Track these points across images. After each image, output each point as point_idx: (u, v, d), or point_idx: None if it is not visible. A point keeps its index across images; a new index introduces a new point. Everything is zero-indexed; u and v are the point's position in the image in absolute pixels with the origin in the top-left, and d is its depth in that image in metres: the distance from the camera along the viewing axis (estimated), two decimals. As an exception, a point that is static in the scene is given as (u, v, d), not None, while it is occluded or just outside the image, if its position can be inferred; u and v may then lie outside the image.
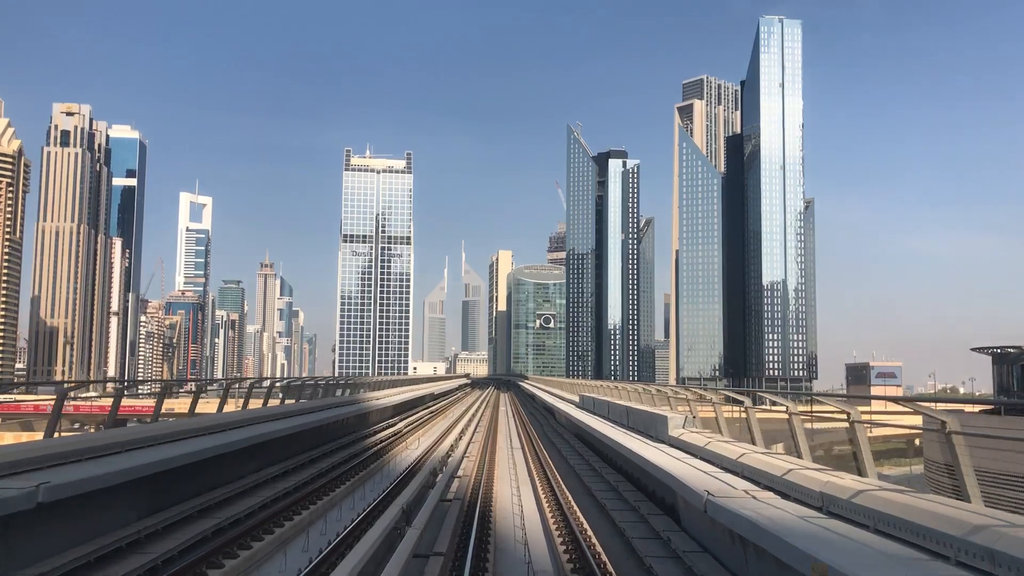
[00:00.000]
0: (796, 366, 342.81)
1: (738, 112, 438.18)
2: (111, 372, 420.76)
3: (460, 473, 31.61)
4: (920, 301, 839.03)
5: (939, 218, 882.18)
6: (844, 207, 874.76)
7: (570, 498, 25.41)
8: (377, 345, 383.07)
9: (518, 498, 26.60)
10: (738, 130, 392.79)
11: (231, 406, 37.54)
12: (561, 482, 29.38)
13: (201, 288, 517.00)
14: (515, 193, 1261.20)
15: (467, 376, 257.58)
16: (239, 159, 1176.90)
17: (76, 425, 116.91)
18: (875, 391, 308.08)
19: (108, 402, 28.91)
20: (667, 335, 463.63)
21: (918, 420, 17.44)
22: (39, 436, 22.14)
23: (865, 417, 18.16)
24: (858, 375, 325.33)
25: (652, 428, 27.06)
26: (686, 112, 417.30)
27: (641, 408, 31.96)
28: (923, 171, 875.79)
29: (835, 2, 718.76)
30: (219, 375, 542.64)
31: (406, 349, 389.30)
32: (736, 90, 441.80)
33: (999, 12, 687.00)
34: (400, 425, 53.59)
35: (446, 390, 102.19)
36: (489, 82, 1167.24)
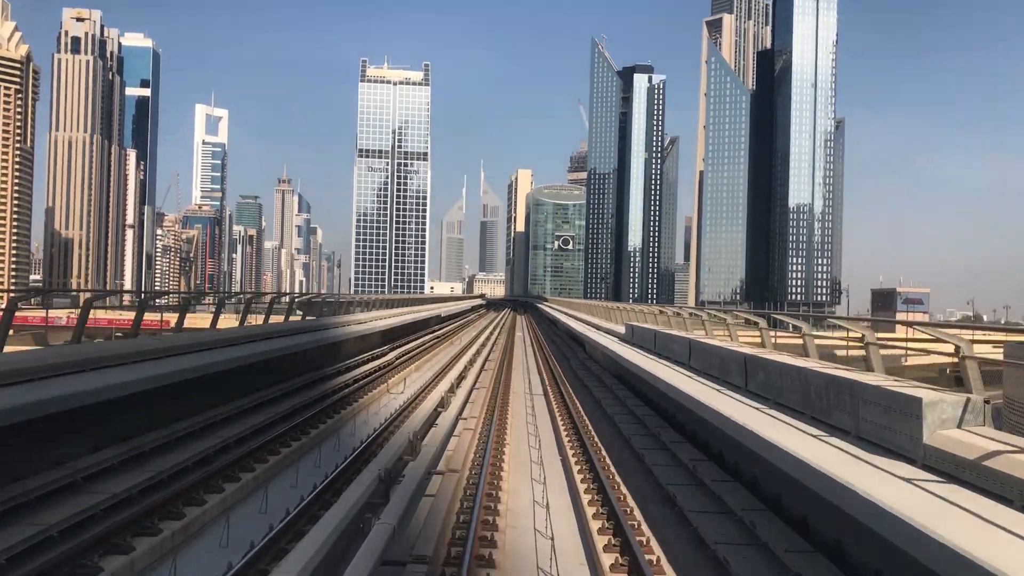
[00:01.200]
0: (820, 291, 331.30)
1: (768, 27, 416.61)
2: (127, 285, 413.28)
3: (449, 452, 19.39)
4: (950, 228, 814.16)
5: (971, 143, 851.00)
6: (874, 129, 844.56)
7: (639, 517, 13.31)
8: (393, 264, 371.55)
9: (545, 516, 14.56)
10: (769, 46, 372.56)
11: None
12: (615, 473, 17.28)
13: (218, 203, 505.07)
14: (536, 111, 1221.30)
15: (482, 296, 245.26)
16: (255, 72, 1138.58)
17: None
18: (900, 317, 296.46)
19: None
20: (687, 258, 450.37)
21: (948, 348, 12.85)
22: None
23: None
24: (884, 301, 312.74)
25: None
26: (715, 27, 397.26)
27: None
28: (955, 93, 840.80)
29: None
30: (237, 290, 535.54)
31: (422, 268, 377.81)
32: (768, 4, 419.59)
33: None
34: (389, 357, 41.67)
35: (456, 312, 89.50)
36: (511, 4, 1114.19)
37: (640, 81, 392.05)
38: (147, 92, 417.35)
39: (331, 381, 31.00)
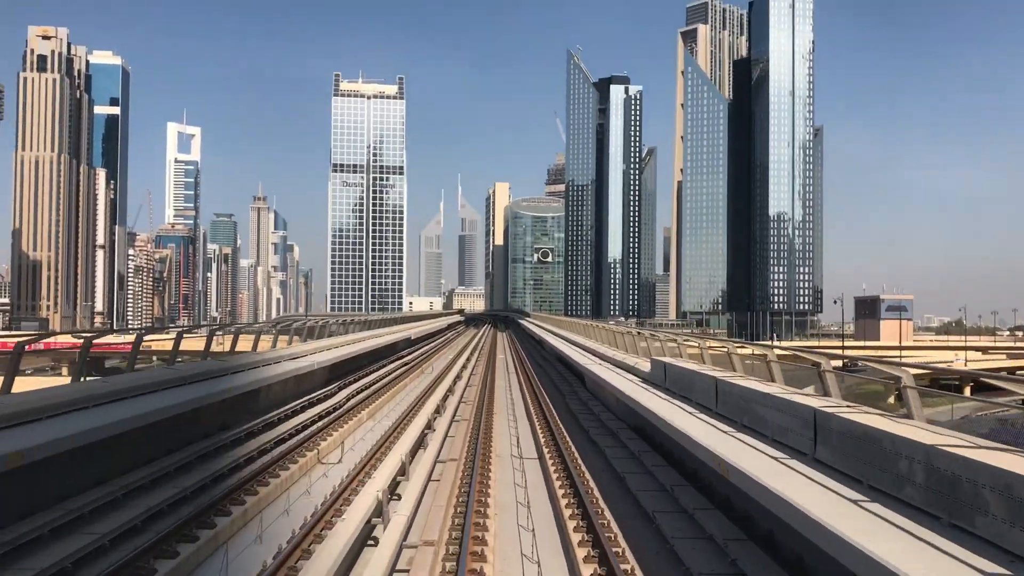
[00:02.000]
0: (802, 299, 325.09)
1: (744, 38, 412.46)
2: (99, 307, 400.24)
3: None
4: (929, 236, 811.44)
5: (949, 152, 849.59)
6: (852, 137, 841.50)
7: None
8: (370, 280, 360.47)
9: None
10: (744, 55, 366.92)
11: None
12: None
13: (191, 221, 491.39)
14: (513, 124, 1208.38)
15: (460, 312, 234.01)
16: (228, 89, 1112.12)
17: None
18: (885, 325, 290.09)
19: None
20: (667, 269, 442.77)
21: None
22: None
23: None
24: (868, 308, 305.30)
25: None
26: (690, 37, 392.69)
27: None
28: (931, 104, 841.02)
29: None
30: (213, 311, 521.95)
31: (400, 284, 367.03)
32: (742, 14, 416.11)
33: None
34: (337, 398, 31.97)
35: (430, 332, 79.49)
36: (484, 5, 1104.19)
37: (616, 92, 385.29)
38: (116, 110, 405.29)
39: (230, 452, 21.14)
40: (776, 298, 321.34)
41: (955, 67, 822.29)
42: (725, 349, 22.68)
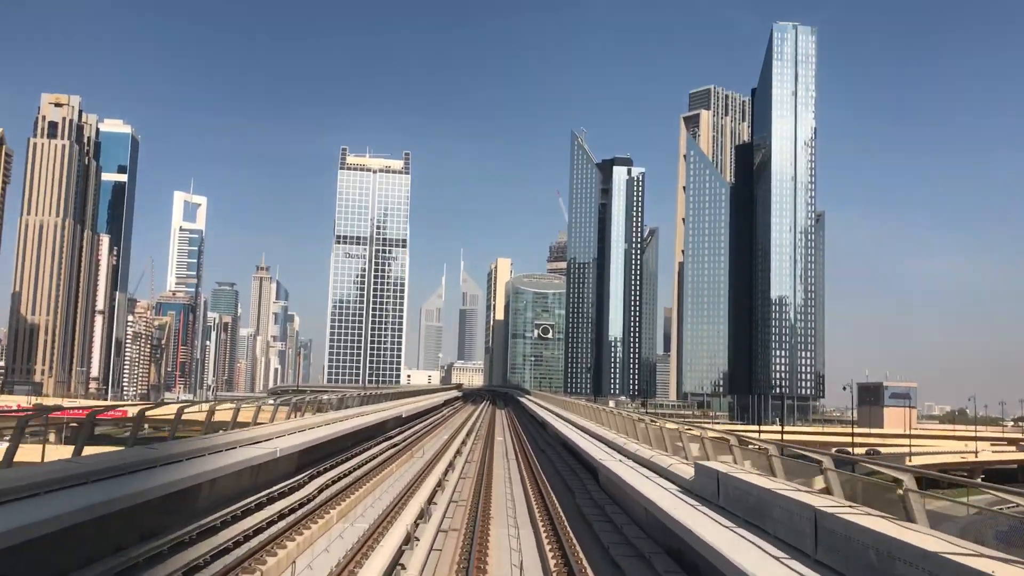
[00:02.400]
0: (804, 384, 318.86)
1: (745, 123, 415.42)
2: (95, 372, 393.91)
3: None
4: (930, 323, 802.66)
5: (951, 242, 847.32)
6: (853, 223, 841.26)
7: None
8: (369, 353, 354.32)
9: None
10: (747, 140, 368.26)
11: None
12: None
13: (193, 289, 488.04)
14: (516, 201, 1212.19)
15: (458, 387, 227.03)
16: (236, 160, 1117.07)
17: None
18: (889, 412, 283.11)
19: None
20: (667, 349, 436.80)
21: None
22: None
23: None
24: (871, 395, 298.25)
25: None
26: (692, 122, 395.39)
27: None
28: (931, 191, 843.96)
29: (850, 11, 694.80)
30: (210, 379, 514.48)
31: (399, 357, 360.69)
32: (744, 101, 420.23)
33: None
34: (307, 490, 26.50)
35: (424, 409, 73.98)
36: (490, 87, 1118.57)
37: (619, 173, 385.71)
38: (124, 178, 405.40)
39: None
40: (778, 382, 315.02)
41: (955, 154, 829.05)
42: (765, 450, 17.48)
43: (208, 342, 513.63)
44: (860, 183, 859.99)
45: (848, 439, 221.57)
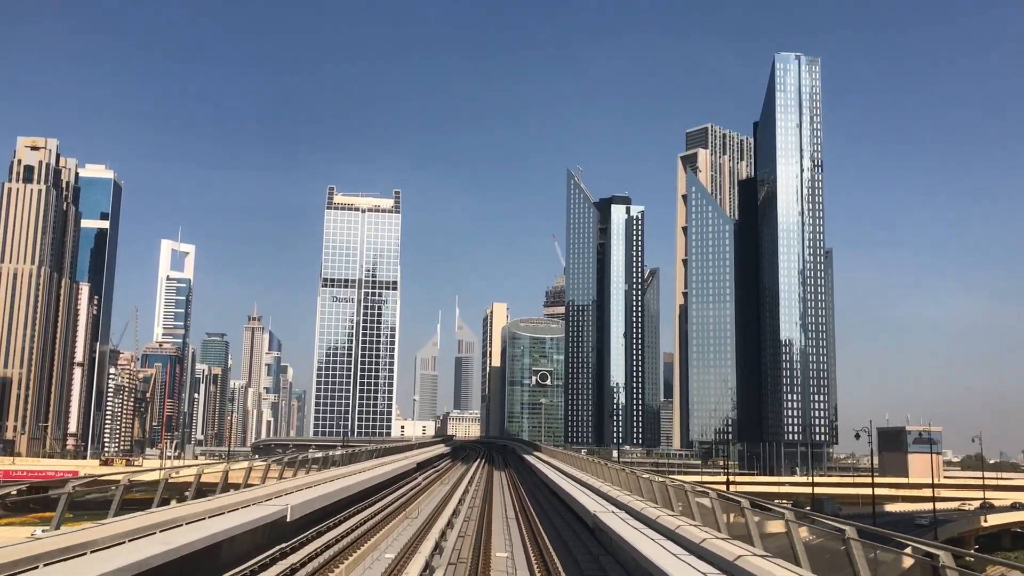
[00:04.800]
0: (818, 430, 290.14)
1: (744, 162, 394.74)
2: (72, 428, 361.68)
3: None
4: (942, 365, 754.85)
5: (959, 285, 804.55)
6: (863, 264, 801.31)
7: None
8: (358, 403, 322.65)
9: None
10: (747, 176, 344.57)
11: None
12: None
13: (180, 340, 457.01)
14: (511, 245, 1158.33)
15: (446, 440, 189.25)
16: (225, 207, 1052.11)
17: None
18: (913, 459, 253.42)
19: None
20: (667, 395, 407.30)
21: None
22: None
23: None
24: (893, 441, 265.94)
25: None
26: (689, 162, 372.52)
27: None
28: (933, 229, 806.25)
29: (847, 46, 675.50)
30: (199, 433, 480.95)
31: (390, 407, 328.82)
32: (741, 140, 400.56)
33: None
34: None
35: (388, 478, 46.62)
36: (484, 131, 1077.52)
37: (618, 212, 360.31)
38: (106, 224, 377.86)
39: None
40: (790, 428, 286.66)
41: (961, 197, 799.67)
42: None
43: (196, 395, 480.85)
44: (866, 221, 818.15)
45: (892, 490, 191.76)
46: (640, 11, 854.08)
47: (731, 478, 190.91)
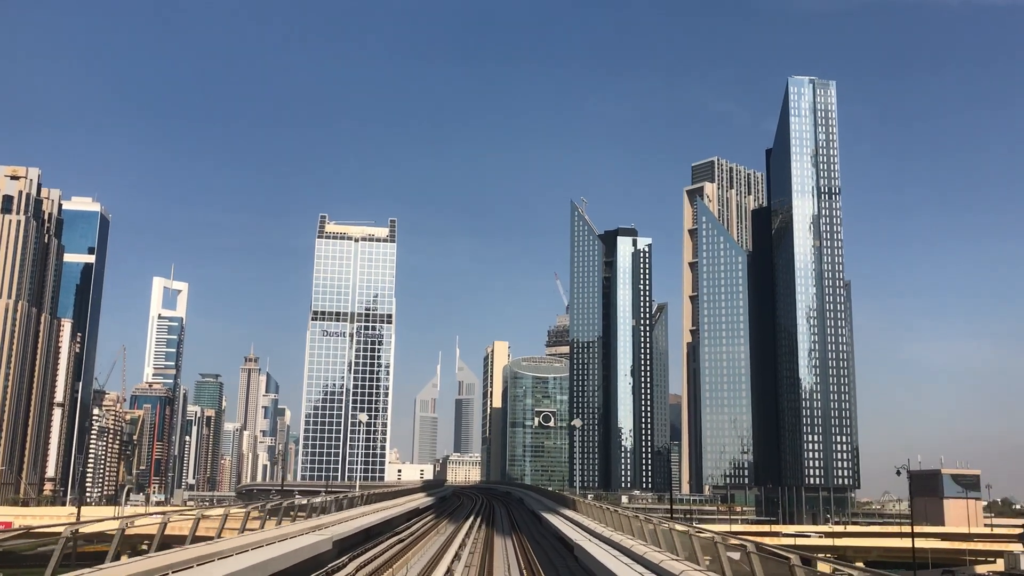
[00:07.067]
0: (840, 473, 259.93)
1: (751, 196, 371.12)
2: (51, 472, 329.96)
3: None
4: (964, 407, 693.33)
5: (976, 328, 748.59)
6: (880, 304, 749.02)
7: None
8: (349, 445, 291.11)
9: None
10: (761, 205, 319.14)
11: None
12: None
13: (171, 381, 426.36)
14: (513, 283, 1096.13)
15: (435, 486, 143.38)
16: (220, 244, 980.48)
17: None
18: (950, 505, 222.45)
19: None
20: (675, 437, 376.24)
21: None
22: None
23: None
24: (927, 485, 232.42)
25: None
26: (695, 195, 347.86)
27: None
28: (954, 274, 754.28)
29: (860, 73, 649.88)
30: (190, 477, 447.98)
31: (383, 450, 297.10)
32: (749, 174, 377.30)
33: None
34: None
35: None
36: (484, 167, 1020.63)
37: (624, 245, 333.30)
38: (92, 259, 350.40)
39: None
40: (811, 471, 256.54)
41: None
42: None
43: (188, 437, 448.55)
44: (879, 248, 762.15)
45: (938, 542, 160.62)
46: (644, 46, 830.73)
47: (777, 529, 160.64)
